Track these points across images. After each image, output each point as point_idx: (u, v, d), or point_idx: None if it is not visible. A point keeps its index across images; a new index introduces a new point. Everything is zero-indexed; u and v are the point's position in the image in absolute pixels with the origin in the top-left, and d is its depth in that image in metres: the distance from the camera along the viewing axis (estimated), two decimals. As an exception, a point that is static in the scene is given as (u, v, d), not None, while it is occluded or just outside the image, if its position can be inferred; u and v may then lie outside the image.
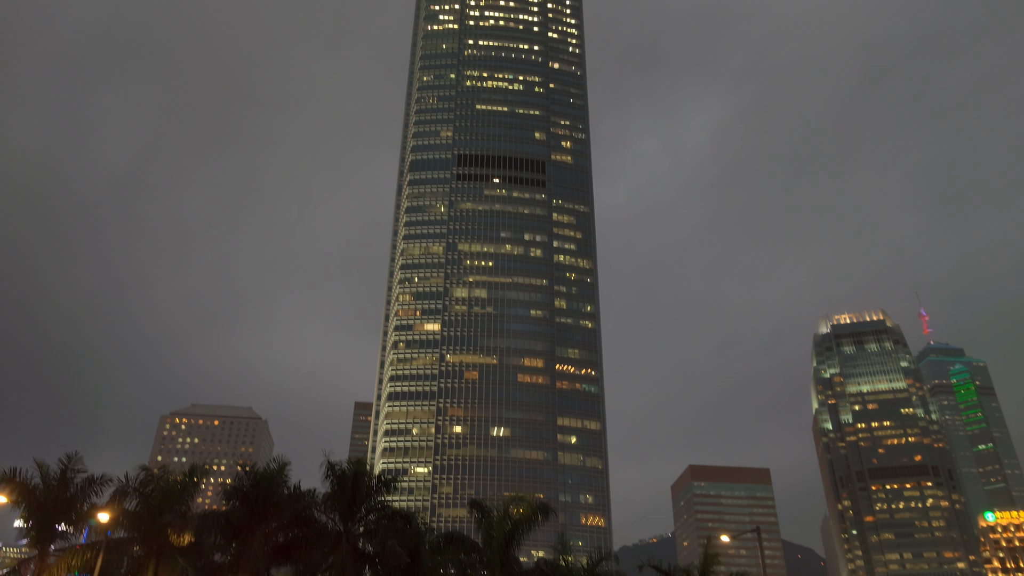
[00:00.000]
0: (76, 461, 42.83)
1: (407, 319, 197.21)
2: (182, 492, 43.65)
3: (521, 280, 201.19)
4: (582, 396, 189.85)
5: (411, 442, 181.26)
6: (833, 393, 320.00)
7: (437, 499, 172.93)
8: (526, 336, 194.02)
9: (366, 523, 49.34)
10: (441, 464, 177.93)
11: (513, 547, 51.59)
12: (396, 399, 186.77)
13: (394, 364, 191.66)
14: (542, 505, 53.69)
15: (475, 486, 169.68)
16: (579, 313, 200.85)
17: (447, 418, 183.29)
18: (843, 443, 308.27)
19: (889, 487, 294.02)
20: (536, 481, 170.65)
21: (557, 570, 54.11)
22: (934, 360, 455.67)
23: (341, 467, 48.87)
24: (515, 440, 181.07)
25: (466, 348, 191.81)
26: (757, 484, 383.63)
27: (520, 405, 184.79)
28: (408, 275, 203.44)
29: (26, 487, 40.91)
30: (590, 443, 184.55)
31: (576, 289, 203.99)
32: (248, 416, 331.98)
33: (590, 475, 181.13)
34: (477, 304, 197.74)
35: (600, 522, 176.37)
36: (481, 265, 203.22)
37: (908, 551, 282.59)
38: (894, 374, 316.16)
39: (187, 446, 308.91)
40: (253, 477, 48.62)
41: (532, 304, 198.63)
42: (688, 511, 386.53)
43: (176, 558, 41.04)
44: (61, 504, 41.34)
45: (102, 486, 42.67)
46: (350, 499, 48.03)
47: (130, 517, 42.20)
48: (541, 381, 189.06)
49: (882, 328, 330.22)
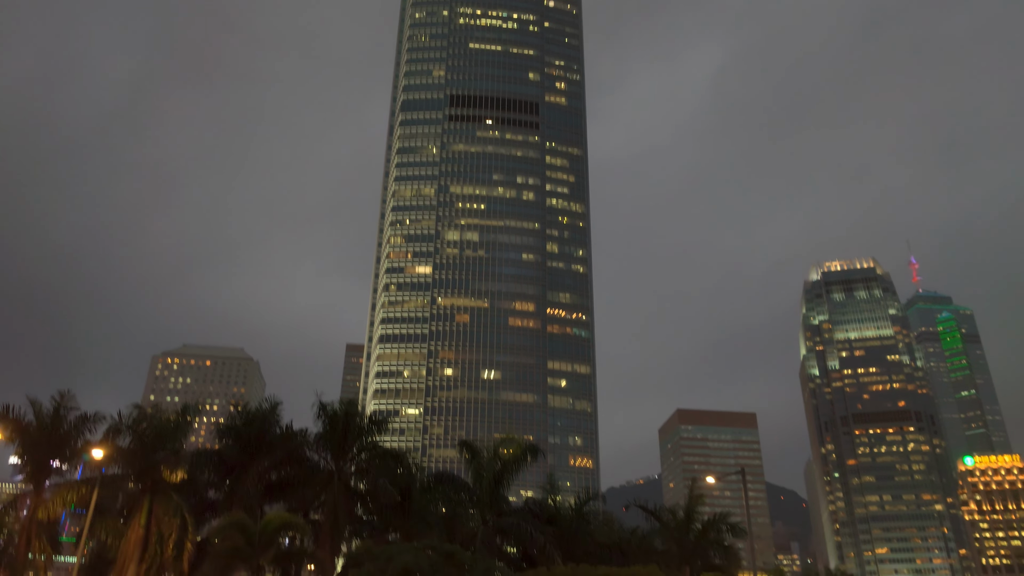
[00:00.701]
0: (69, 399, 43.00)
1: (398, 262, 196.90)
2: (175, 430, 43.95)
3: (513, 223, 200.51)
4: (572, 340, 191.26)
5: (402, 384, 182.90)
6: (821, 340, 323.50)
7: (428, 440, 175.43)
8: (517, 280, 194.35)
9: (358, 462, 50.02)
10: (432, 406, 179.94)
11: (502, 487, 52.50)
12: (387, 341, 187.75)
13: (385, 307, 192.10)
14: (531, 446, 54.48)
15: (466, 428, 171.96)
16: (571, 257, 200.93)
17: (438, 360, 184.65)
18: (829, 389, 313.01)
19: (872, 432, 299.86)
20: (526, 423, 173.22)
21: (545, 509, 55.20)
22: (922, 308, 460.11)
23: (333, 407, 49.31)
24: (505, 383, 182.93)
25: (457, 291, 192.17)
26: (743, 428, 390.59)
27: (511, 348, 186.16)
28: (399, 217, 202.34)
29: (20, 423, 41.15)
30: (579, 386, 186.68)
31: (568, 233, 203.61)
32: (240, 357, 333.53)
33: (579, 418, 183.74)
34: (469, 247, 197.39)
35: (588, 463, 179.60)
36: (473, 208, 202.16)
37: (888, 493, 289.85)
38: (882, 321, 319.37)
39: (179, 386, 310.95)
40: (245, 416, 49.06)
41: (524, 248, 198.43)
42: (675, 454, 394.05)
43: (171, 494, 41.60)
44: (55, 441, 41.64)
45: (95, 423, 42.92)
46: (342, 439, 48.61)
47: (124, 454, 42.58)
48: (532, 325, 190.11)
49: (872, 276, 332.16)
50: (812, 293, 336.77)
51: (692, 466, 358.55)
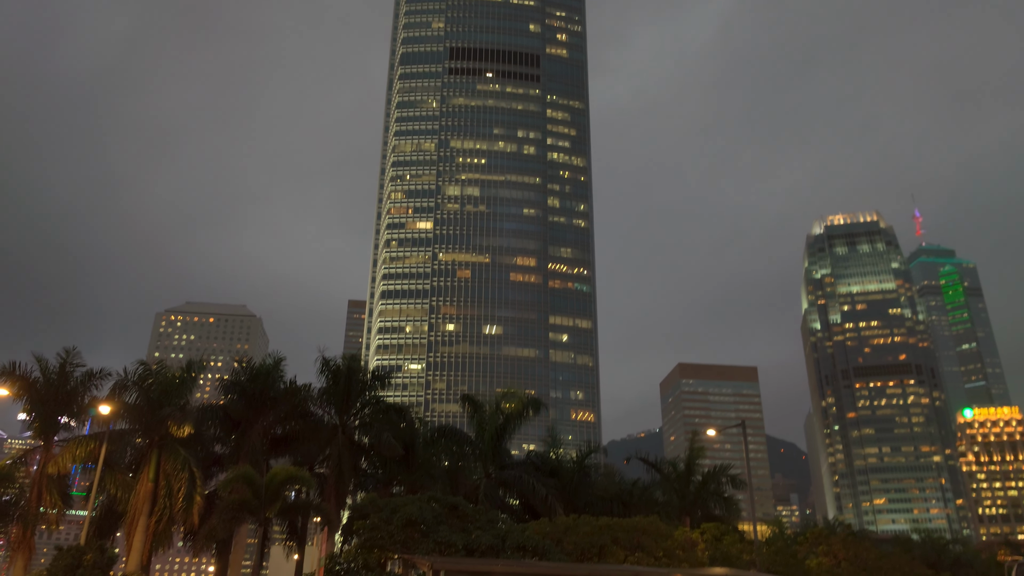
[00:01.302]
0: (74, 355, 43.23)
1: (399, 217, 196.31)
2: (180, 386, 44.28)
3: (514, 178, 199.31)
4: (574, 295, 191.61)
5: (405, 339, 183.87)
6: (823, 293, 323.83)
7: (431, 395, 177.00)
8: (518, 235, 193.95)
9: (361, 417, 50.55)
10: (434, 361, 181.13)
11: (504, 440, 53.11)
12: (389, 297, 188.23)
13: (387, 262, 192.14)
14: (533, 400, 54.96)
15: (468, 382, 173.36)
16: (572, 212, 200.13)
17: (440, 316, 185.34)
18: (830, 342, 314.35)
19: (872, 385, 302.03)
20: (528, 378, 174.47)
21: (547, 462, 55.90)
22: (925, 261, 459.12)
23: (336, 363, 49.64)
24: (507, 338, 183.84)
25: (458, 246, 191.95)
26: (744, 382, 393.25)
27: (512, 303, 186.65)
28: (400, 173, 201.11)
29: (26, 380, 41.44)
30: (581, 341, 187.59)
31: (569, 188, 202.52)
32: (243, 314, 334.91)
33: (581, 372, 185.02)
34: (469, 202, 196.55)
35: (590, 417, 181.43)
36: (473, 162, 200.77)
37: (887, 445, 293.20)
38: (884, 275, 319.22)
39: (183, 343, 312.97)
40: (250, 372, 49.43)
41: (525, 202, 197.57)
42: (676, 407, 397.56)
43: (178, 449, 42.11)
44: (62, 397, 42.00)
45: (101, 380, 43.25)
46: (345, 393, 49.05)
47: (130, 410, 42.99)
48: (533, 280, 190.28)
49: (875, 229, 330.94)
50: (815, 247, 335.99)
51: (693, 419, 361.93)
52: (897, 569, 41.21)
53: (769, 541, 46.90)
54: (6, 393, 41.59)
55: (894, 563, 42.04)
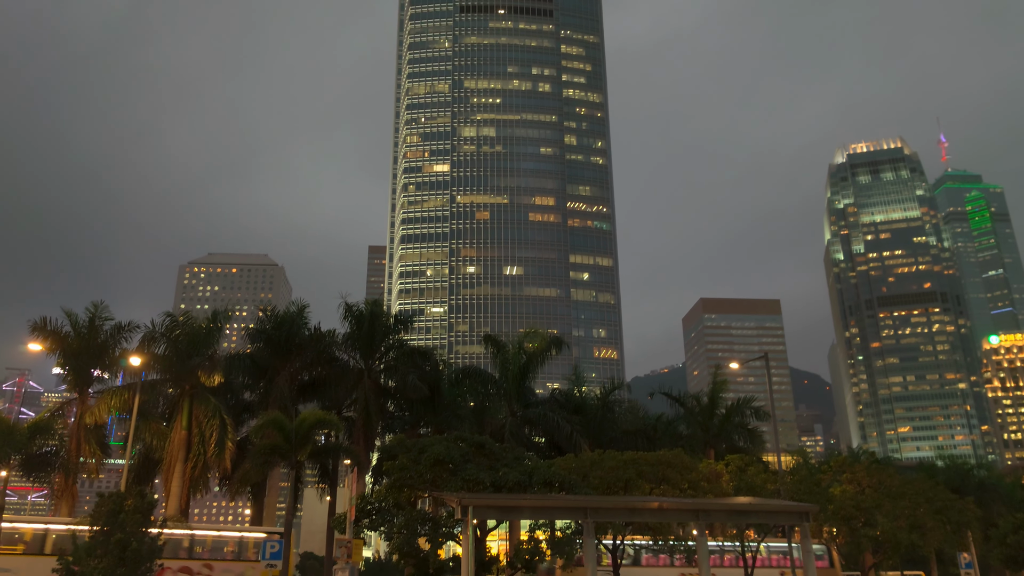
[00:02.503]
0: (102, 309, 43.94)
1: (416, 161, 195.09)
2: (207, 336, 44.96)
3: (530, 117, 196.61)
4: (594, 233, 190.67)
5: (426, 283, 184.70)
6: (846, 223, 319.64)
7: (453, 337, 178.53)
8: (536, 174, 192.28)
9: (386, 361, 51.15)
10: (456, 303, 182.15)
11: (528, 379, 53.61)
12: (409, 242, 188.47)
13: (405, 207, 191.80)
14: (555, 339, 55.27)
15: (490, 324, 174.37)
16: (590, 149, 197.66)
17: (460, 258, 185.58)
18: (854, 273, 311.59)
19: (897, 314, 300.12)
20: (549, 317, 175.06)
21: (571, 400, 56.43)
22: (950, 187, 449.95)
23: (358, 308, 50.05)
24: (528, 278, 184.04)
25: (476, 188, 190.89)
26: (767, 315, 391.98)
27: (532, 244, 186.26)
28: (414, 115, 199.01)
29: (58, 335, 42.25)
30: (602, 279, 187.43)
31: (586, 125, 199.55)
32: (265, 263, 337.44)
33: (602, 310, 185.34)
34: (486, 143, 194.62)
35: (613, 355, 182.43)
36: (488, 102, 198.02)
37: (911, 374, 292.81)
38: (908, 203, 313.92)
39: (208, 294, 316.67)
40: (274, 320, 50.00)
41: (541, 141, 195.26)
42: (699, 342, 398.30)
43: (208, 397, 43.03)
44: (93, 350, 42.82)
45: (130, 332, 44.01)
46: (369, 338, 49.56)
47: (160, 361, 43.83)
48: (552, 219, 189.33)
49: (899, 156, 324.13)
50: (837, 176, 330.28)
51: (716, 354, 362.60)
52: (921, 494, 41.52)
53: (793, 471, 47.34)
54: (40, 348, 42.49)
55: (918, 488, 42.33)
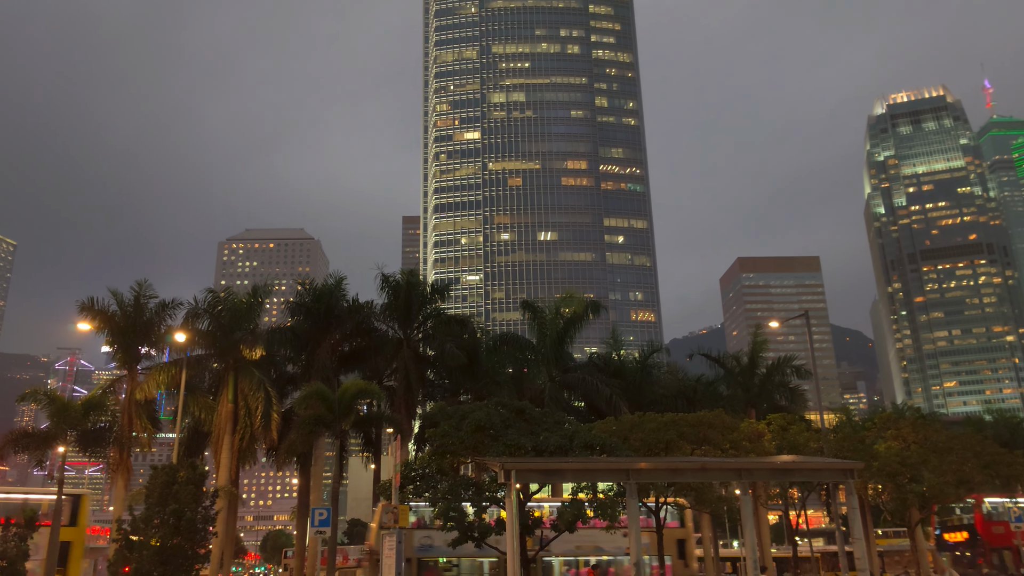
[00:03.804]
0: (147, 287, 44.86)
1: (446, 129, 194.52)
2: (249, 311, 45.65)
3: (559, 80, 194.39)
4: (628, 195, 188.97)
5: (461, 252, 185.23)
6: (887, 176, 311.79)
7: (490, 304, 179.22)
8: (568, 138, 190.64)
9: (424, 330, 51.59)
10: (492, 271, 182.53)
11: (566, 344, 53.64)
12: (442, 211, 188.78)
13: (437, 176, 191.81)
14: (592, 303, 55.12)
15: (526, 290, 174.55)
16: (621, 110, 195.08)
17: (494, 226, 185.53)
18: (895, 227, 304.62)
19: (941, 267, 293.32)
20: (585, 281, 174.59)
21: (610, 363, 56.37)
22: (996, 135, 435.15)
23: (395, 279, 50.42)
24: (562, 243, 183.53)
25: (508, 154, 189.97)
26: (806, 272, 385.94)
27: (565, 208, 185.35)
28: (443, 83, 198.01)
29: (105, 314, 43.26)
30: (637, 241, 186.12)
31: (617, 85, 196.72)
32: (301, 237, 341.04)
33: (638, 273, 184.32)
34: (516, 108, 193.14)
35: (650, 317, 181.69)
36: (517, 67, 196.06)
37: (957, 328, 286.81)
38: (952, 152, 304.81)
39: (247, 269, 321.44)
40: (313, 293, 50.63)
41: (572, 104, 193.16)
42: (737, 302, 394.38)
43: (252, 371, 43.86)
44: (140, 328, 43.80)
45: (174, 309, 44.90)
46: (406, 308, 49.97)
47: (204, 336, 44.72)
48: (585, 183, 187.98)
49: (941, 105, 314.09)
50: (877, 128, 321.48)
51: (755, 313, 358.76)
52: (968, 449, 40.81)
53: (836, 428, 46.86)
54: (89, 328, 43.63)
55: (965, 443, 41.60)
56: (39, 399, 37.87)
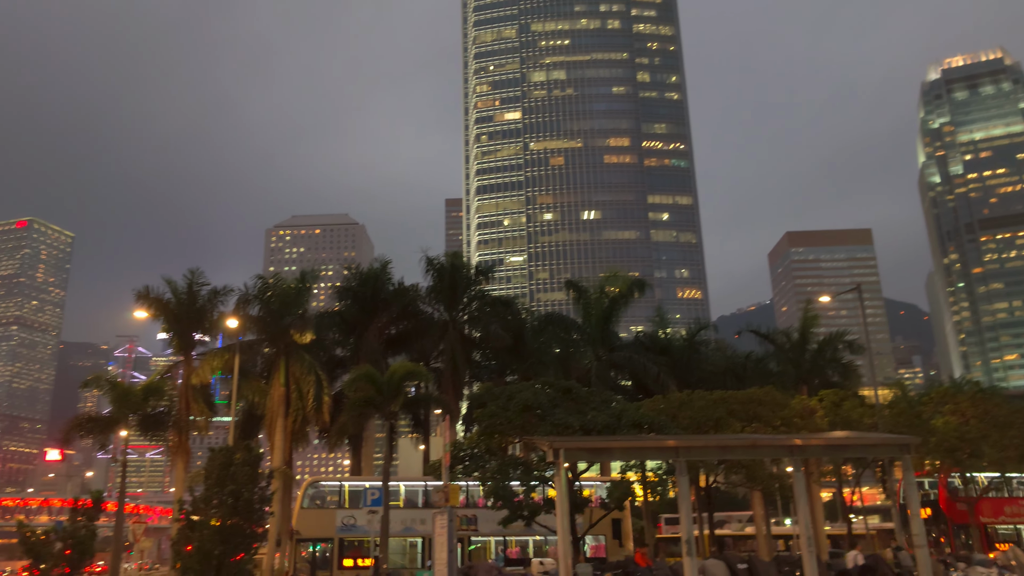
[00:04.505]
0: (199, 275, 45.95)
1: (486, 110, 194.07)
2: (297, 296, 46.43)
3: (600, 56, 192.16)
4: (672, 172, 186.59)
5: (504, 233, 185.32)
6: (942, 144, 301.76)
7: (534, 285, 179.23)
8: (609, 115, 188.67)
9: (469, 311, 51.87)
10: (535, 252, 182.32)
11: (612, 323, 53.39)
12: (485, 192, 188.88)
13: (479, 158, 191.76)
14: (637, 282, 54.72)
15: (570, 270, 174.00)
16: (663, 85, 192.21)
17: (537, 206, 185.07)
18: (951, 196, 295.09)
19: (1000, 236, 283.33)
20: (630, 260, 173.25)
21: (657, 342, 55.97)
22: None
23: (439, 261, 50.73)
24: (606, 221, 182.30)
25: (549, 134, 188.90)
26: (857, 246, 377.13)
27: (608, 186, 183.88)
28: (483, 64, 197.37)
29: (161, 302, 44.47)
30: (682, 218, 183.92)
31: (659, 60, 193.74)
32: (346, 222, 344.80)
33: (684, 250, 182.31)
34: (556, 87, 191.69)
35: (696, 294, 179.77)
36: (557, 45, 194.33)
37: (1017, 298, 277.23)
38: (1011, 117, 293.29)
39: (294, 255, 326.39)
40: (359, 277, 51.24)
41: (613, 81, 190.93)
42: (786, 277, 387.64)
43: (303, 354, 44.68)
44: (193, 315, 44.92)
45: (225, 296, 45.92)
46: (451, 290, 50.28)
47: (255, 322, 45.69)
48: (628, 160, 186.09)
49: (999, 67, 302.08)
50: (931, 94, 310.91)
51: (805, 288, 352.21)
52: (1032, 423, 39.62)
53: (891, 404, 45.79)
54: (145, 315, 44.92)
55: (1028, 417, 40.38)
56: (101, 385, 39.16)
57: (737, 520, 61.82)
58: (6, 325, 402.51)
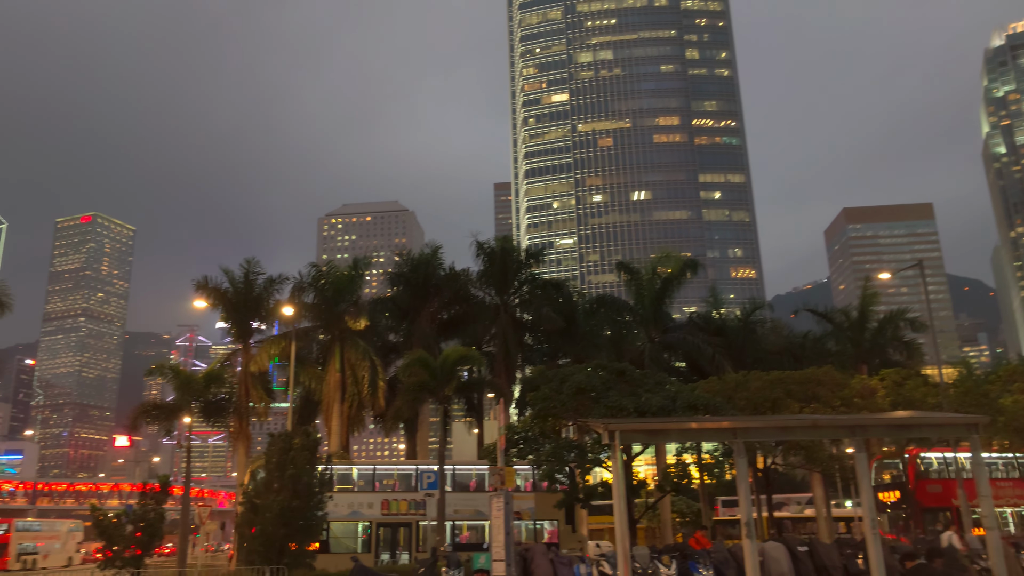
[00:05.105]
0: (255, 264, 46.89)
1: (534, 93, 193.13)
2: (351, 283, 47.05)
3: (647, 34, 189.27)
4: (723, 149, 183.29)
5: (553, 216, 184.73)
6: (1007, 113, 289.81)
7: (585, 268, 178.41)
8: (658, 94, 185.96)
9: (520, 295, 51.87)
10: (585, 234, 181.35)
11: (664, 304, 52.74)
12: (533, 175, 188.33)
13: (527, 141, 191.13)
14: (690, 262, 53.90)
15: (621, 252, 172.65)
16: (713, 62, 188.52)
17: (586, 188, 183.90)
18: (1018, 167, 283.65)
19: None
20: (682, 240, 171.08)
21: (711, 322, 55.18)
22: None
23: (489, 245, 50.77)
24: (657, 202, 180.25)
25: (597, 115, 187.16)
26: (918, 220, 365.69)
27: (659, 166, 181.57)
28: (529, 47, 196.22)
29: (219, 291, 45.52)
30: (735, 196, 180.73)
31: (708, 36, 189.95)
32: (396, 209, 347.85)
33: (737, 229, 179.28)
34: (603, 67, 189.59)
35: (751, 274, 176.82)
36: (603, 24, 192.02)
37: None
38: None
39: (346, 243, 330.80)
40: (411, 263, 51.64)
41: (661, 59, 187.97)
42: (843, 255, 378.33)
43: (357, 340, 45.34)
44: (251, 303, 45.86)
45: (281, 284, 46.79)
46: (501, 274, 50.30)
47: (310, 309, 46.51)
48: (678, 139, 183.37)
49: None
50: (995, 61, 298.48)
51: (863, 265, 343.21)
52: (1109, 401, 37.95)
53: (956, 383, 44.37)
54: (204, 305, 46.06)
55: (1105, 395, 38.70)
56: (165, 373, 40.30)
57: (796, 502, 60.97)
58: (74, 317, 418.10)
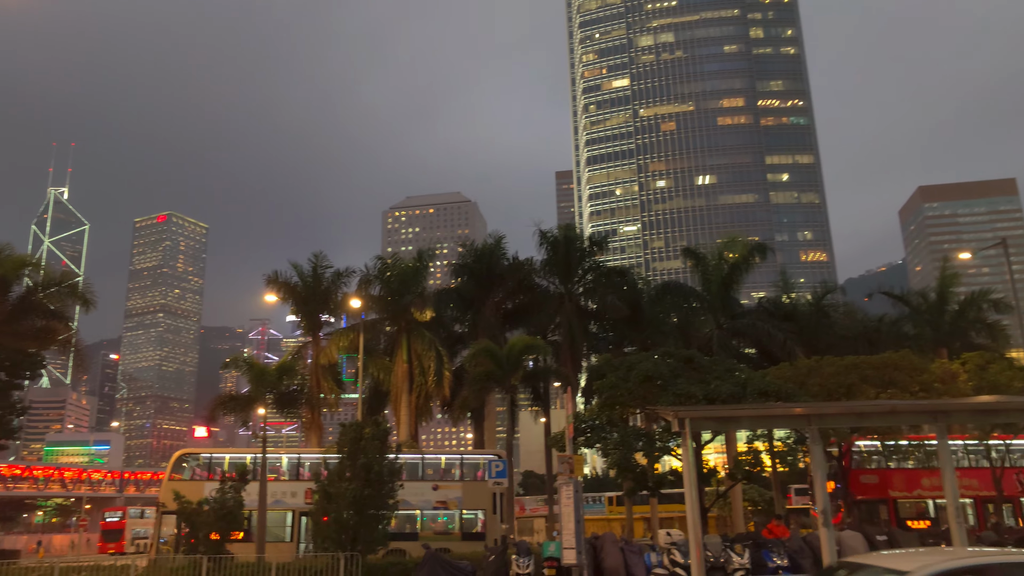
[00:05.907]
0: (322, 258, 47.93)
1: (594, 79, 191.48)
2: (415, 275, 47.62)
3: (709, 14, 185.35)
4: (790, 130, 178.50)
5: (616, 203, 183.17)
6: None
7: (649, 254, 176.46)
8: (722, 75, 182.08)
9: (584, 283, 51.59)
10: (649, 220, 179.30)
11: (732, 290, 51.77)
12: (595, 163, 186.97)
13: (588, 128, 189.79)
14: (758, 246, 52.72)
15: (686, 237, 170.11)
16: (778, 40, 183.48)
17: (649, 174, 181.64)
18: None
19: None
20: (748, 224, 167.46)
21: (780, 307, 53.90)
22: None
23: (552, 234, 50.65)
24: (722, 186, 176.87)
25: (659, 99, 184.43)
26: (1000, 197, 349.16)
27: (723, 149, 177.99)
28: (588, 32, 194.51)
29: (288, 285, 46.70)
30: (803, 178, 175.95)
31: (772, 13, 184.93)
32: (459, 200, 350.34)
33: (806, 211, 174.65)
34: (665, 50, 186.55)
35: (822, 257, 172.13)
36: (663, 6, 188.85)
37: None
38: None
39: (410, 235, 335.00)
40: (474, 254, 51.93)
41: (724, 39, 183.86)
42: (919, 235, 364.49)
43: (423, 332, 45.89)
44: (319, 296, 46.91)
45: (348, 278, 47.70)
46: (565, 262, 50.11)
47: (377, 301, 47.27)
48: (743, 121, 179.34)
49: None
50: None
51: (941, 245, 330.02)
52: None
53: (1046, 366, 42.28)
54: (275, 299, 47.34)
55: None
56: (239, 366, 41.50)
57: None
58: (153, 313, 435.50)
